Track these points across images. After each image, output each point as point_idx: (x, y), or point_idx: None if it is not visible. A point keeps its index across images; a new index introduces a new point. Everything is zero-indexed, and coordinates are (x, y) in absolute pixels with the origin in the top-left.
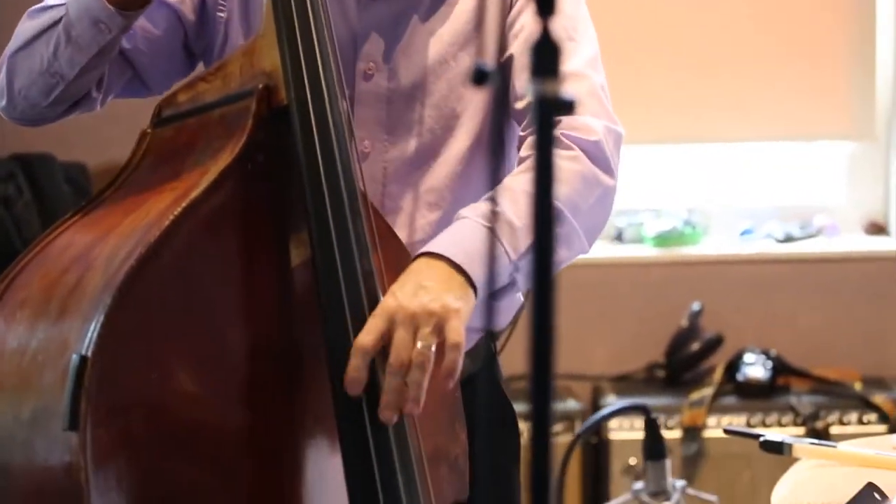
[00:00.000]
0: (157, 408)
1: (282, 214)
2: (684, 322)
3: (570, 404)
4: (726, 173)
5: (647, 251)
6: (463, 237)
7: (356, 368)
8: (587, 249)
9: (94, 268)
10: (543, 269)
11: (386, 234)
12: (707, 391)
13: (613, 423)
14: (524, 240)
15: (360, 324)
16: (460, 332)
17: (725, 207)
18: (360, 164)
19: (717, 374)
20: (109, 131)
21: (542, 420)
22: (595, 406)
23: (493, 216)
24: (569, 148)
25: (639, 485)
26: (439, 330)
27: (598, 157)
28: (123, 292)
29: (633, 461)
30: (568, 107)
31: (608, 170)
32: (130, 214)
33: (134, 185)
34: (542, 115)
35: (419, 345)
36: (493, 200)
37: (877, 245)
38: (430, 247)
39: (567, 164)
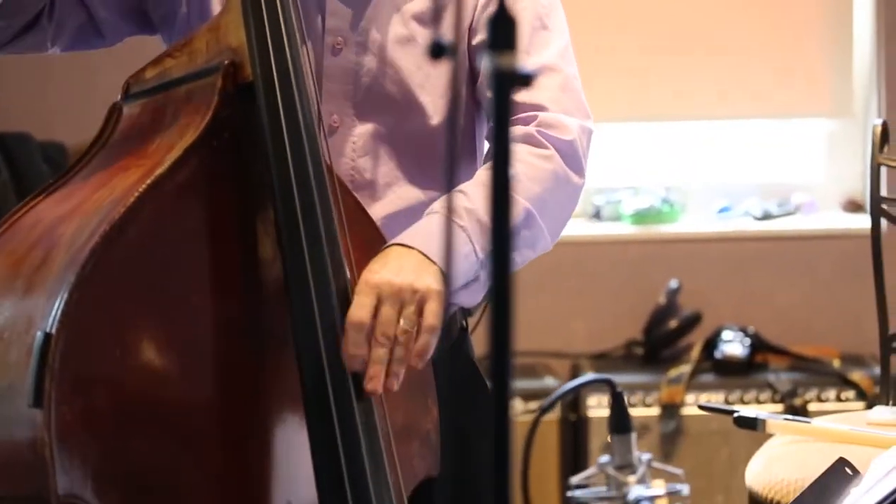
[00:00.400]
0: (122, 385)
1: (249, 193)
2: (662, 300)
3: (549, 382)
4: (704, 151)
5: (625, 229)
6: (434, 232)
7: (355, 344)
8: (549, 247)
9: (60, 245)
10: (501, 244)
11: (354, 210)
12: (685, 368)
13: (592, 401)
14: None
15: (325, 301)
16: (438, 316)
17: (703, 185)
18: (329, 139)
19: (695, 352)
20: (87, 110)
21: (501, 396)
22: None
23: (465, 212)
24: (543, 146)
25: (605, 458)
26: (420, 310)
27: (571, 156)
28: (87, 270)
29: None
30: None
31: (579, 170)
32: (97, 191)
33: (102, 161)
34: (500, 89)
35: (402, 322)
36: (464, 194)
37: (855, 223)
38: (403, 239)
39: (540, 162)
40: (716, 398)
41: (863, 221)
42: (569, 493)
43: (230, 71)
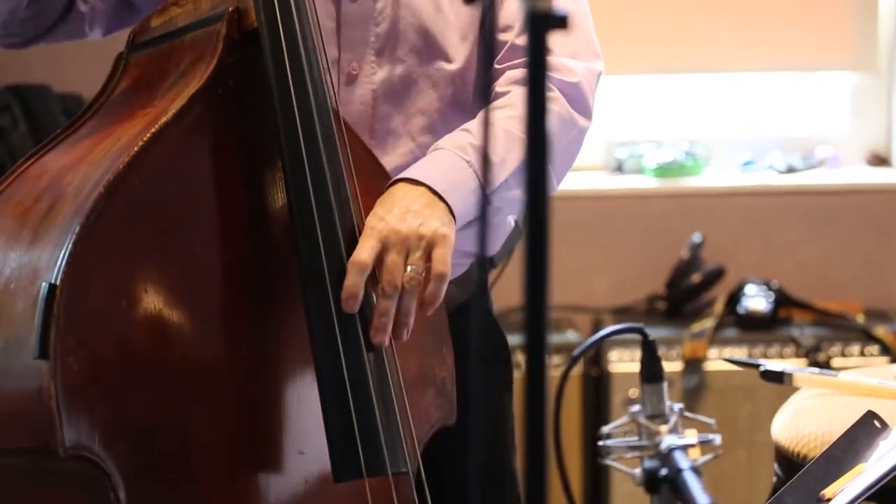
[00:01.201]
0: (128, 336)
1: (255, 140)
2: (685, 253)
3: (571, 336)
4: (728, 104)
5: (648, 182)
6: (442, 167)
7: (354, 285)
8: (555, 189)
9: (66, 195)
10: (538, 199)
11: (364, 157)
12: (708, 323)
13: (613, 356)
14: (500, 174)
15: (333, 248)
16: (446, 262)
17: (726, 138)
18: (349, 87)
19: (718, 306)
20: (106, 62)
21: (537, 352)
22: None
23: (471, 148)
24: (548, 89)
25: (636, 408)
26: (428, 255)
27: (576, 99)
28: (91, 219)
29: (633, 393)
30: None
31: (585, 112)
32: (103, 141)
33: (108, 111)
34: (535, 32)
35: (409, 269)
36: (469, 132)
37: (879, 177)
38: (410, 173)
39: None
40: (739, 353)
41: (887, 175)
42: (600, 443)
43: (234, 18)
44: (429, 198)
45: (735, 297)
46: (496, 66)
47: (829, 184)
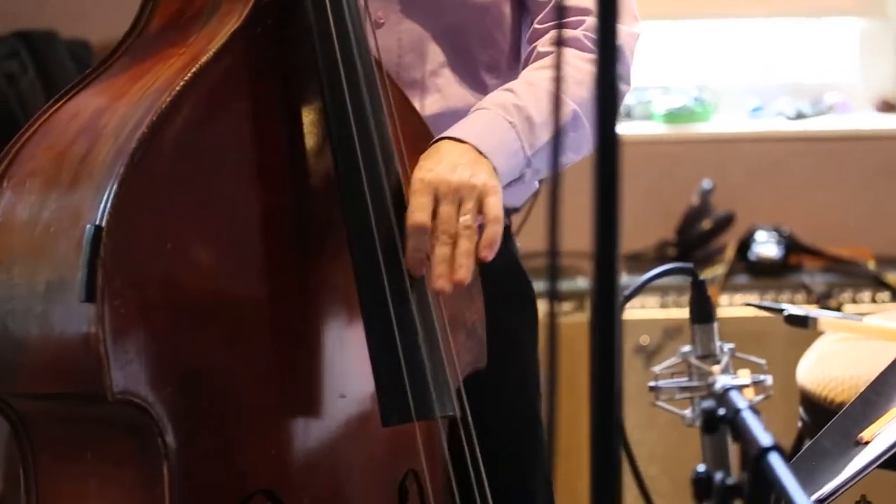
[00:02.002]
0: (173, 278)
1: (294, 82)
2: (695, 200)
3: (581, 283)
4: (736, 50)
5: (657, 128)
6: (485, 127)
7: (417, 249)
8: (591, 151)
9: (104, 136)
10: (608, 150)
11: (401, 103)
12: (719, 269)
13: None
14: (541, 137)
15: (378, 192)
16: (500, 207)
17: (735, 84)
18: (376, 33)
19: (729, 253)
20: (112, 7)
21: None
22: None
23: (514, 109)
24: (591, 51)
25: (686, 348)
26: (480, 204)
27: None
28: (136, 160)
29: (644, 340)
30: None
31: (625, 76)
32: (138, 81)
33: (139, 51)
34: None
35: (464, 217)
36: (513, 92)
37: (888, 123)
38: (454, 132)
39: (586, 66)
40: (750, 299)
41: None
42: (651, 384)
43: None
44: (474, 155)
45: (745, 243)
46: (536, 25)
47: (838, 130)
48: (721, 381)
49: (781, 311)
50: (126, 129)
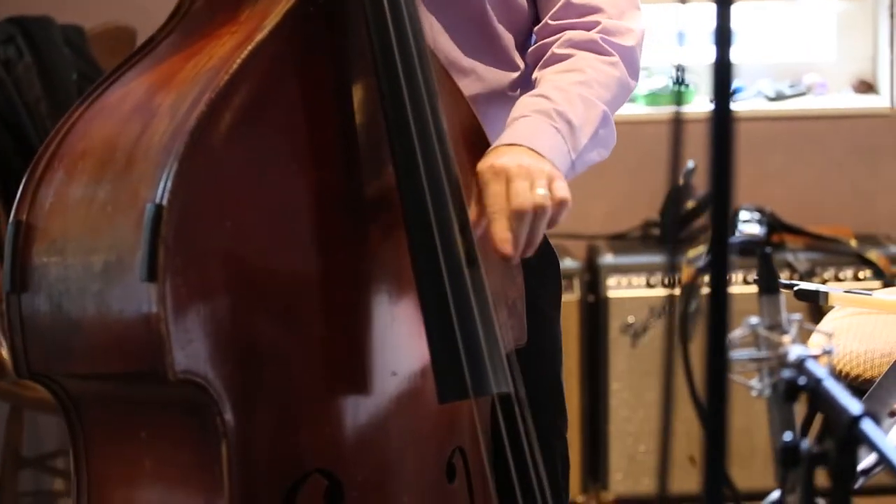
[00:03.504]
0: (232, 256)
1: (344, 60)
2: (681, 180)
3: (567, 263)
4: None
5: (639, 109)
6: (533, 133)
7: (504, 230)
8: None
9: (160, 115)
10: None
11: (452, 86)
12: (703, 249)
13: (611, 282)
14: (581, 140)
15: (434, 177)
16: (567, 191)
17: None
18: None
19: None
20: None
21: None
22: (591, 264)
23: (556, 114)
24: (609, 54)
25: (754, 319)
26: (550, 186)
27: (631, 62)
28: (195, 139)
29: (631, 319)
30: None
31: (635, 75)
32: (190, 60)
33: (188, 30)
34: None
35: (538, 190)
36: (548, 98)
37: (866, 102)
38: (508, 140)
39: (609, 69)
40: (735, 277)
41: (873, 101)
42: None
43: None
44: (534, 153)
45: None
46: (549, 21)
47: (817, 109)
48: (795, 350)
49: (792, 287)
50: (183, 108)
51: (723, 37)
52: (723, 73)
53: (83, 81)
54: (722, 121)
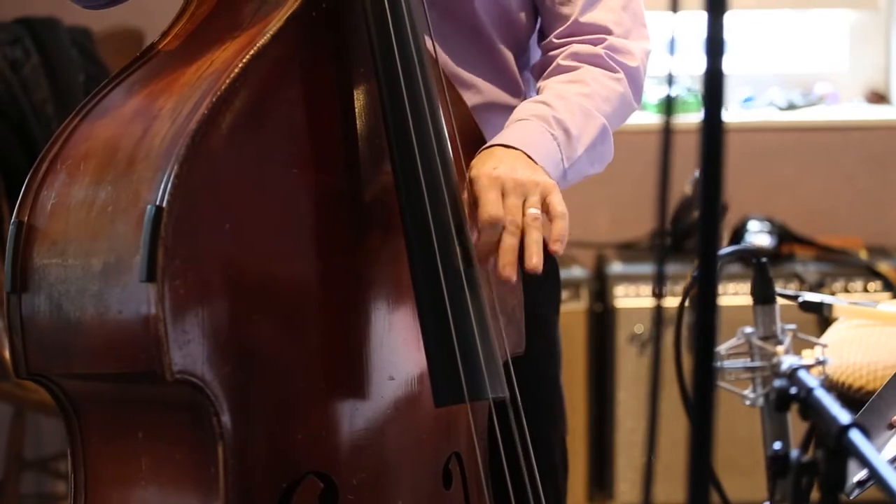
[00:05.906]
0: (232, 259)
1: (347, 66)
2: (688, 189)
3: (575, 272)
4: (728, 41)
5: (650, 118)
6: (530, 137)
7: (489, 241)
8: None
9: (161, 118)
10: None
11: (453, 94)
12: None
13: (619, 291)
14: (577, 150)
15: (434, 184)
16: (563, 204)
17: (727, 75)
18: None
19: (722, 242)
20: None
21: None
22: (599, 273)
23: (555, 122)
24: (614, 70)
25: (748, 329)
26: (544, 200)
27: (635, 82)
28: (196, 141)
29: (638, 329)
30: None
31: (637, 96)
32: (192, 64)
33: (190, 34)
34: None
35: (531, 210)
36: (549, 105)
37: (878, 114)
38: (504, 140)
39: (612, 84)
40: (743, 288)
41: (885, 112)
42: (715, 364)
43: None
44: (528, 160)
45: (738, 233)
46: (554, 39)
47: (829, 120)
48: (787, 360)
49: (796, 297)
50: (184, 111)
51: (714, 46)
52: (714, 82)
53: (90, 83)
54: (713, 130)
